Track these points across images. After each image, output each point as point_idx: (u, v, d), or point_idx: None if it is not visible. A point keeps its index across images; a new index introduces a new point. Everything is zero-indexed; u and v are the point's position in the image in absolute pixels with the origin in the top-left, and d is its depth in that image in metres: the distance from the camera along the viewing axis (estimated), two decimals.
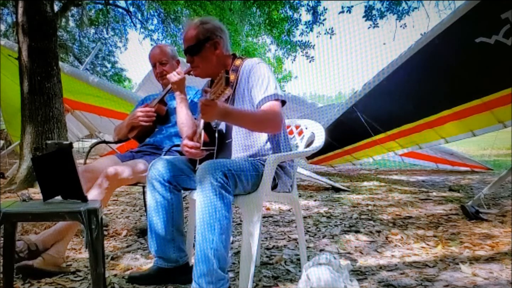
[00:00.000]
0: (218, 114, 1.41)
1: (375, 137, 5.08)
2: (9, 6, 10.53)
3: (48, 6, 4.21)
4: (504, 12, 2.96)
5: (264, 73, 1.60)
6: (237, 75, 1.65)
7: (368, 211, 3.27)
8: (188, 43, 1.67)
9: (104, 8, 11.73)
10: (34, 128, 4.14)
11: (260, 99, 1.57)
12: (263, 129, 1.59)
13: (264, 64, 1.64)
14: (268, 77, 1.60)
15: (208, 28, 1.66)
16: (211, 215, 1.37)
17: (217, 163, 1.42)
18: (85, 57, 14.28)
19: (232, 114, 1.47)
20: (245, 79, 1.64)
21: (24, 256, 1.66)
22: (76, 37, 14.96)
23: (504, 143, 10.33)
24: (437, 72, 3.88)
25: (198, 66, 1.69)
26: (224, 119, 1.53)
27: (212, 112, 1.38)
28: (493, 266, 1.84)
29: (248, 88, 1.62)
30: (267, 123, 1.55)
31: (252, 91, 1.61)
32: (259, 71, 1.61)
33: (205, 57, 1.66)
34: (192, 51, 1.66)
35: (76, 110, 5.77)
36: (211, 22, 1.69)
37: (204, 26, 1.66)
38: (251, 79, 1.61)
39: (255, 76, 1.60)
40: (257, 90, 1.59)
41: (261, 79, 1.59)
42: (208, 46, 1.65)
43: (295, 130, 1.98)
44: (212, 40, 1.66)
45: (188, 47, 1.66)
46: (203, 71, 1.70)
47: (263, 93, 1.57)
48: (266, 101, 1.56)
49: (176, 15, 10.83)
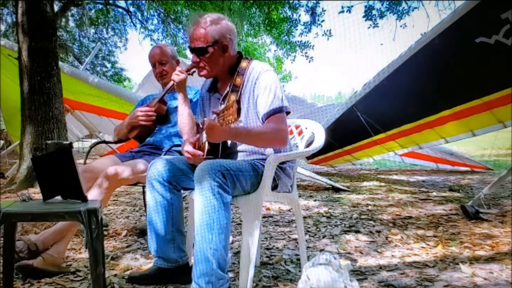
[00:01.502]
0: (225, 136, 1.43)
1: (375, 137, 5.08)
2: (9, 6, 10.52)
3: (48, 6, 4.22)
4: (504, 12, 2.96)
5: (271, 83, 1.57)
6: (243, 79, 1.62)
7: (368, 211, 3.27)
8: (195, 43, 1.59)
9: (104, 8, 11.72)
10: (34, 128, 4.14)
11: (266, 111, 1.55)
12: (270, 145, 1.59)
13: (271, 73, 1.61)
14: (275, 87, 1.57)
15: (218, 30, 1.58)
16: (210, 215, 1.36)
17: (215, 163, 1.42)
18: (85, 57, 14.27)
19: (240, 135, 1.46)
20: (251, 85, 1.60)
21: (24, 256, 1.66)
22: (76, 37, 14.95)
23: (504, 143, 10.33)
24: (437, 72, 3.88)
25: (204, 68, 1.64)
26: (231, 139, 1.52)
27: (218, 136, 1.39)
28: (493, 266, 1.83)
29: (253, 95, 1.60)
30: (274, 140, 1.54)
31: (258, 100, 1.58)
32: (266, 80, 1.58)
33: (212, 60, 1.61)
34: (199, 52, 1.60)
35: (76, 110, 5.77)
36: (221, 22, 1.61)
37: (214, 27, 1.58)
38: (257, 88, 1.58)
39: (262, 85, 1.57)
40: (263, 100, 1.56)
41: (268, 89, 1.56)
42: (216, 49, 1.59)
43: (295, 130, 1.98)
44: (221, 43, 1.59)
45: (196, 47, 1.59)
46: (209, 72, 1.65)
47: (269, 105, 1.54)
48: (271, 113, 1.54)
49: (176, 15, 10.82)
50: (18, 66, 4.24)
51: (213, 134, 1.37)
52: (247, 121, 1.61)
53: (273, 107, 1.54)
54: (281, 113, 1.56)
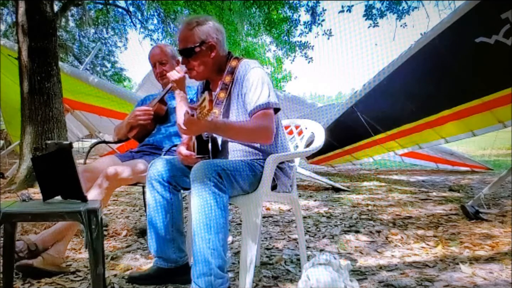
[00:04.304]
0: (204, 129, 1.43)
1: (375, 137, 5.08)
2: (9, 6, 10.52)
3: (48, 6, 4.22)
4: (504, 12, 2.96)
5: (258, 79, 1.55)
6: (232, 77, 1.62)
7: (368, 211, 3.27)
8: (182, 45, 1.61)
9: (104, 8, 11.73)
10: (34, 128, 4.14)
11: (252, 107, 1.53)
12: (253, 140, 1.58)
13: (259, 69, 1.60)
14: (262, 83, 1.55)
15: (204, 30, 1.59)
16: (207, 214, 1.36)
17: (211, 163, 1.42)
18: (85, 57, 14.27)
19: (220, 128, 1.46)
20: (239, 83, 1.60)
21: (24, 256, 1.66)
22: (76, 37, 14.95)
23: (504, 143, 10.32)
24: (437, 72, 3.88)
25: (193, 69, 1.63)
26: (213, 132, 1.51)
27: (195, 129, 1.41)
28: (493, 266, 1.83)
29: (242, 93, 1.59)
30: (257, 136, 1.53)
31: (245, 97, 1.58)
32: (253, 76, 1.57)
33: (200, 60, 1.61)
34: (187, 53, 1.60)
35: (76, 110, 5.77)
36: (207, 23, 1.62)
37: (199, 28, 1.59)
38: (245, 84, 1.57)
39: (249, 81, 1.56)
40: (249, 97, 1.55)
41: (254, 86, 1.55)
42: (203, 49, 1.60)
43: (295, 130, 1.98)
44: (207, 43, 1.60)
45: (183, 49, 1.61)
46: (199, 74, 1.65)
47: (255, 101, 1.53)
48: (258, 109, 1.52)
49: (176, 15, 10.82)
50: (18, 66, 4.24)
51: (191, 128, 1.38)
52: (238, 119, 1.61)
53: (259, 103, 1.53)
54: (268, 109, 1.53)
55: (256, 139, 1.56)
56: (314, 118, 5.27)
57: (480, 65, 3.55)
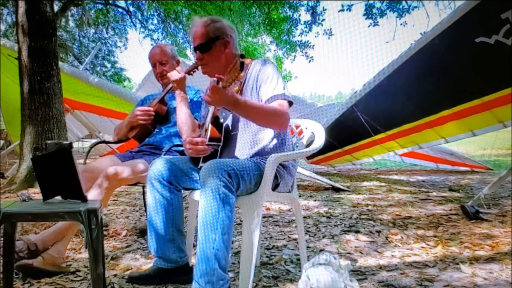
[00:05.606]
0: (226, 101, 1.41)
1: (375, 137, 5.08)
2: (9, 6, 10.53)
3: (48, 6, 4.22)
4: (504, 12, 2.96)
5: (274, 72, 1.62)
6: (245, 74, 1.67)
7: (368, 211, 3.27)
8: (198, 41, 1.68)
9: (104, 8, 11.73)
10: (34, 128, 4.14)
11: (269, 96, 1.57)
12: (270, 124, 1.58)
13: (272, 64, 1.66)
14: (277, 77, 1.61)
15: (218, 27, 1.68)
16: (214, 215, 1.36)
17: (221, 163, 1.42)
18: (85, 57, 14.27)
19: (240, 104, 1.44)
20: (253, 78, 1.65)
21: (24, 256, 1.66)
22: (76, 37, 14.96)
23: (504, 143, 10.33)
24: (437, 72, 3.88)
25: (207, 64, 1.70)
26: (232, 108, 1.48)
27: (219, 98, 1.38)
28: (493, 266, 1.83)
29: (256, 87, 1.63)
30: (275, 119, 1.54)
31: (260, 89, 1.62)
32: (268, 70, 1.63)
33: (214, 56, 1.68)
34: (202, 48, 1.68)
35: (76, 110, 5.77)
36: (221, 21, 1.71)
37: (215, 24, 1.68)
38: (260, 78, 1.63)
39: (265, 74, 1.62)
40: (265, 88, 1.60)
41: (270, 78, 1.61)
42: (218, 45, 1.67)
43: (295, 130, 1.97)
44: (222, 39, 1.67)
45: (199, 44, 1.68)
46: (212, 69, 1.70)
47: (272, 91, 1.58)
48: (275, 99, 1.56)
49: (176, 15, 10.82)
50: (18, 66, 4.24)
51: (214, 97, 1.38)
52: None
53: (275, 93, 1.57)
54: (284, 100, 1.58)
55: (272, 123, 1.57)
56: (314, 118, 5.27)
57: (480, 65, 3.56)
